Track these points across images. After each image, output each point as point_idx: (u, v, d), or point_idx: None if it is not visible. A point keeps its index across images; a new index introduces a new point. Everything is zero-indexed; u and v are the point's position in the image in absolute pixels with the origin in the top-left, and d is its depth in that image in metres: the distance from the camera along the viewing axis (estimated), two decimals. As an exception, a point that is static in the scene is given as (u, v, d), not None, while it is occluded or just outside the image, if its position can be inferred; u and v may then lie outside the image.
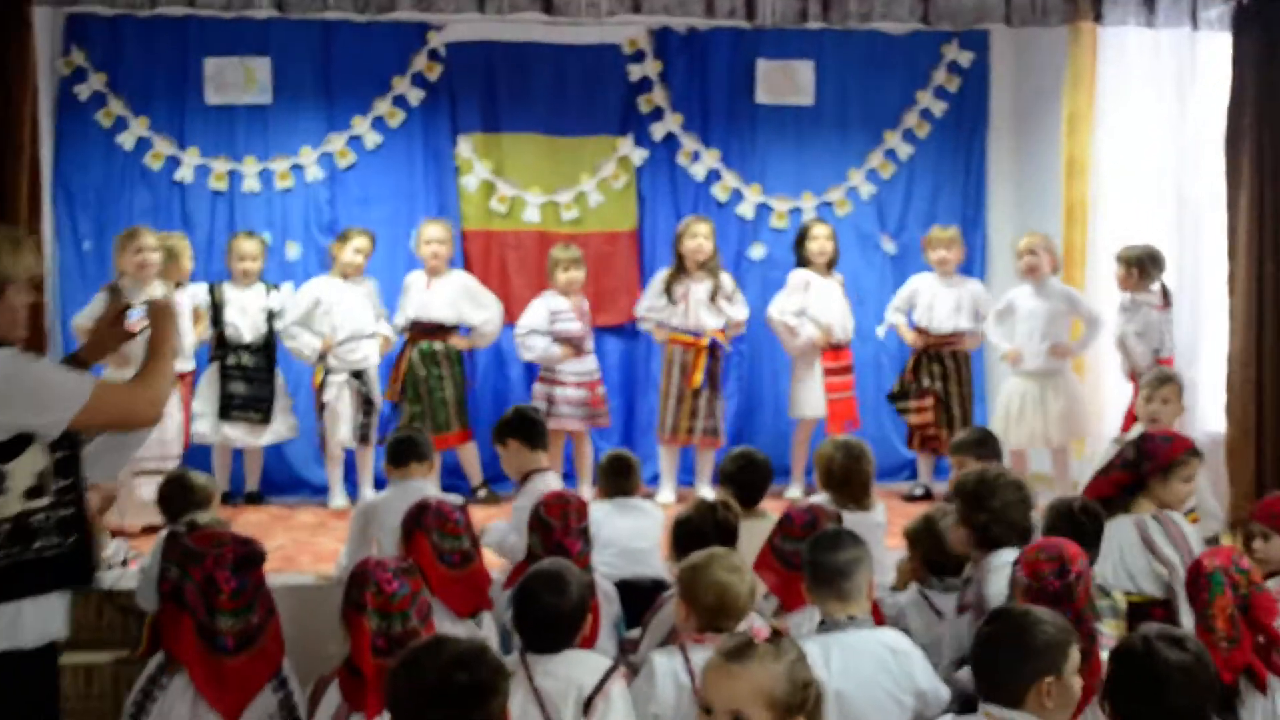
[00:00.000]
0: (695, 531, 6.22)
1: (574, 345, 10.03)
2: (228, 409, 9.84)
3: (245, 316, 9.88)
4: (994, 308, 10.13)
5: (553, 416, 9.72)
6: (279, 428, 10.00)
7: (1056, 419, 9.68)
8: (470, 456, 10.19)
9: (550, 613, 4.97)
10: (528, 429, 7.67)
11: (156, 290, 9.10)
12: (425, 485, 7.32)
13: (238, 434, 9.90)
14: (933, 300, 10.32)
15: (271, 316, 9.92)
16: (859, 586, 5.16)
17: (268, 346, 9.93)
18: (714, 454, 10.13)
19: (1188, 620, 5.45)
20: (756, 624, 4.00)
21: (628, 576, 7.03)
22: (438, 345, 10.04)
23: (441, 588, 5.79)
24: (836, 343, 10.23)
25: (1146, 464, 6.51)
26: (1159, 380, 8.24)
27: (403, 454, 7.49)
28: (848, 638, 5.01)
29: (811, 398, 10.26)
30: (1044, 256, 9.75)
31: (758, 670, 3.77)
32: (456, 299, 10.10)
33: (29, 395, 4.57)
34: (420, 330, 10.04)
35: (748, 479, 7.31)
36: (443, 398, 9.99)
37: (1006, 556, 5.43)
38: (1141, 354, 9.14)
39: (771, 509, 7.14)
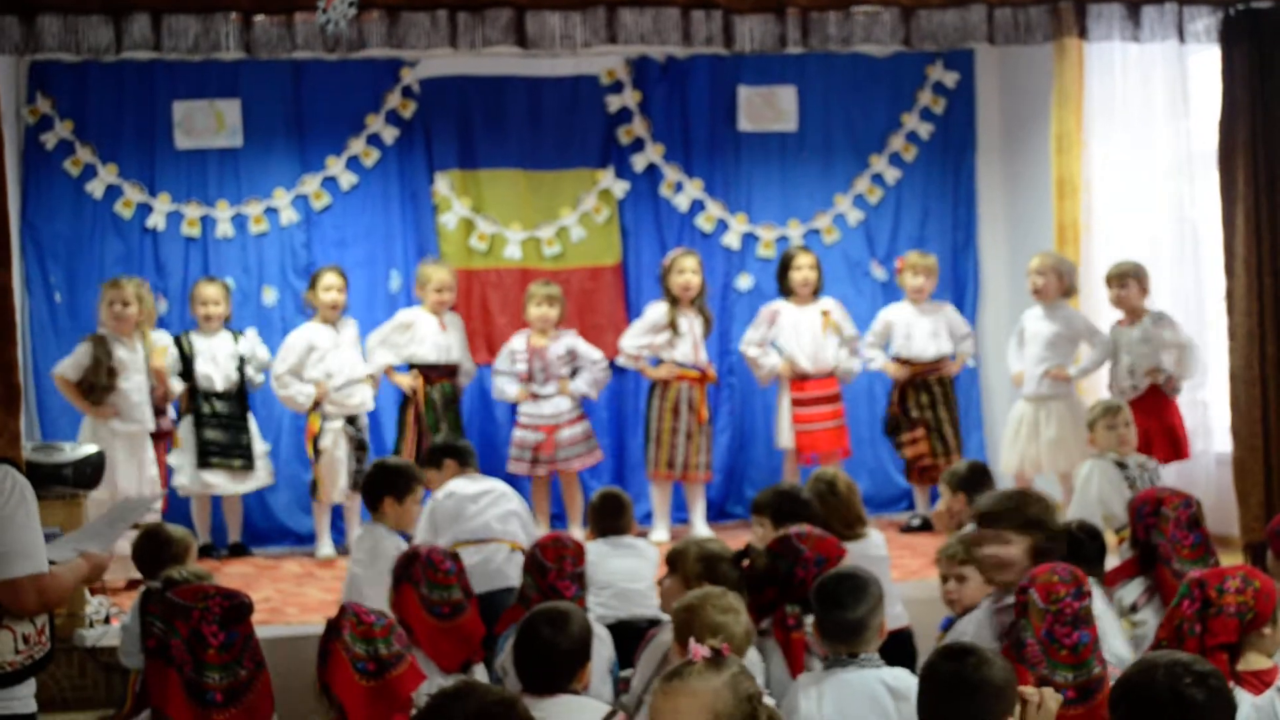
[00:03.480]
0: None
1: (530, 389, 10.00)
2: (206, 457, 9.67)
3: (216, 365, 9.75)
4: (1015, 330, 9.95)
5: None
6: (261, 475, 9.86)
7: (1047, 445, 9.50)
8: None
9: (549, 648, 4.84)
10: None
11: (134, 348, 9.05)
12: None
13: (219, 481, 9.75)
14: (909, 329, 10.22)
15: (243, 362, 9.80)
16: (870, 637, 5.03)
17: (240, 394, 9.81)
18: (704, 489, 10.11)
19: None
20: (695, 646, 3.89)
21: (624, 617, 6.95)
22: (451, 385, 10.04)
23: (429, 640, 5.70)
24: (802, 373, 10.13)
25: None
26: (1114, 409, 8.23)
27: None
28: (846, 676, 4.89)
29: (783, 429, 10.26)
30: (1050, 278, 9.51)
31: (697, 684, 3.72)
32: (461, 340, 10.14)
33: None
34: (439, 372, 9.98)
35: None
36: (461, 436, 9.94)
37: None
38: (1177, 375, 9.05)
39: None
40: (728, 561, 6.02)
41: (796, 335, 10.12)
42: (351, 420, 9.72)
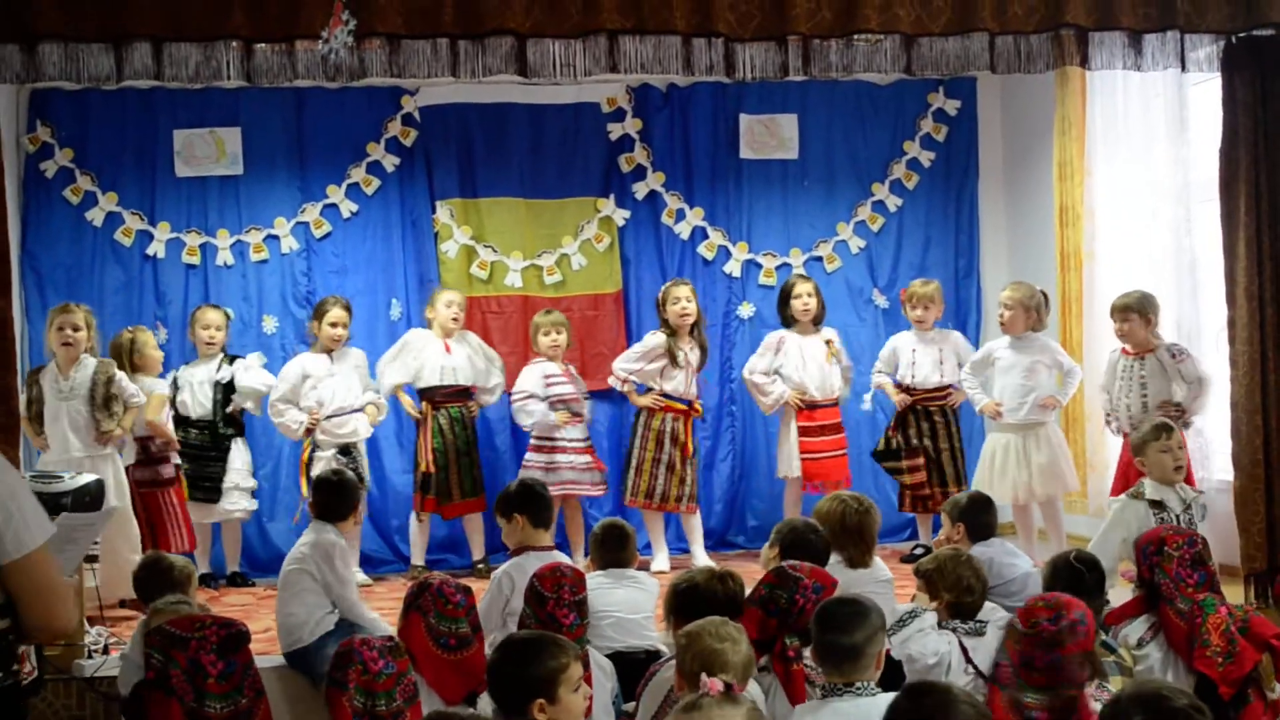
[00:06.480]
0: (699, 599, 5.96)
1: (572, 409, 9.89)
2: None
3: (194, 393, 9.76)
4: (971, 358, 9.92)
5: (556, 484, 9.46)
6: (228, 506, 9.80)
7: (1038, 472, 9.46)
8: (478, 526, 10.02)
9: (516, 676, 4.68)
10: (534, 505, 7.40)
11: (88, 364, 8.89)
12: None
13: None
14: (914, 357, 10.16)
15: (219, 389, 9.77)
16: (867, 664, 4.95)
17: (214, 422, 9.77)
18: (700, 518, 10.07)
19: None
20: (709, 680, 4.01)
21: (623, 648, 6.88)
22: (460, 409, 9.96)
23: (433, 671, 5.66)
24: (810, 401, 10.10)
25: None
26: (1166, 429, 8.02)
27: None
28: (843, 705, 4.83)
29: (788, 457, 10.19)
30: (1018, 312, 9.48)
31: (714, 715, 3.85)
32: (472, 359, 10.04)
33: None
34: (444, 394, 9.92)
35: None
36: (472, 462, 9.97)
37: None
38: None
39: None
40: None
41: (803, 364, 10.09)
42: (346, 451, 9.63)
